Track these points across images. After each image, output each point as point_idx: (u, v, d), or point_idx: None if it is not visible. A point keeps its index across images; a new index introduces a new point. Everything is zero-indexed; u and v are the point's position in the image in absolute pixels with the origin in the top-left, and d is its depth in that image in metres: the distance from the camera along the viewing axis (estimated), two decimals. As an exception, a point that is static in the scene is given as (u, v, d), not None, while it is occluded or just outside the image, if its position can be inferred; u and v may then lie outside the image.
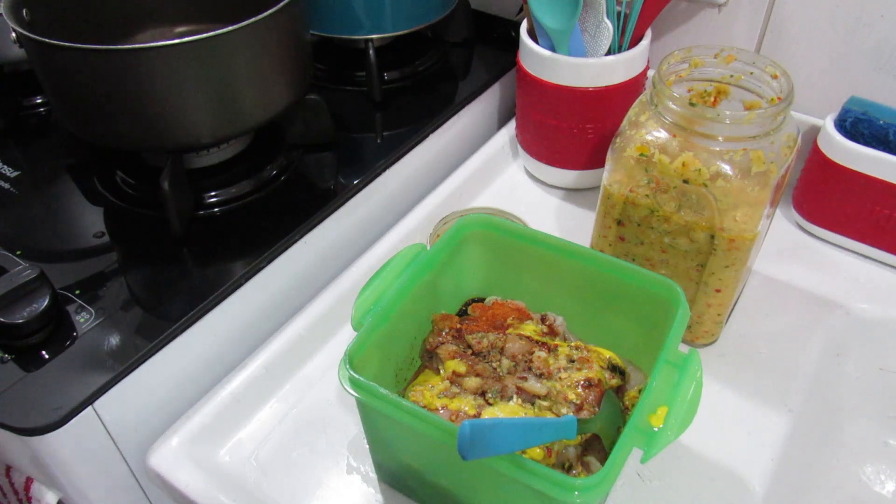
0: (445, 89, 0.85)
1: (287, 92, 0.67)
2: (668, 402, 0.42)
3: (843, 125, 0.66)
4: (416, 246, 0.54)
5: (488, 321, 0.54)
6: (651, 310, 0.51)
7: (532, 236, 0.55)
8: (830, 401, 0.63)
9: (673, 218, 0.55)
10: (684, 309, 0.48)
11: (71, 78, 0.60)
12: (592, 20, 0.68)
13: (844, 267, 0.69)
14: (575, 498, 0.38)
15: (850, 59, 0.70)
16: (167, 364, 0.57)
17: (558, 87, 0.69)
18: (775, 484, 0.53)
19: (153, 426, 0.58)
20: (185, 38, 0.57)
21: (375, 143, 0.77)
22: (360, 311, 0.49)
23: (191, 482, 0.53)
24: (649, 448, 0.41)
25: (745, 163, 0.51)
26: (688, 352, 0.45)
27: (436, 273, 0.54)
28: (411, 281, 0.52)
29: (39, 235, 0.66)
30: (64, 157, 0.75)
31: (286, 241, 0.64)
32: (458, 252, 0.56)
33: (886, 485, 0.62)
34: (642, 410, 0.42)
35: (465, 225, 0.56)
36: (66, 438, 0.52)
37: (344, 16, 0.80)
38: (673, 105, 0.53)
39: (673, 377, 0.44)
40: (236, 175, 0.71)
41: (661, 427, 0.41)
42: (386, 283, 0.51)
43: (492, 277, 0.58)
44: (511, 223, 0.56)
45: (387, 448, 0.51)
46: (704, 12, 0.76)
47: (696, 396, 0.43)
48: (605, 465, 0.39)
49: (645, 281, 0.51)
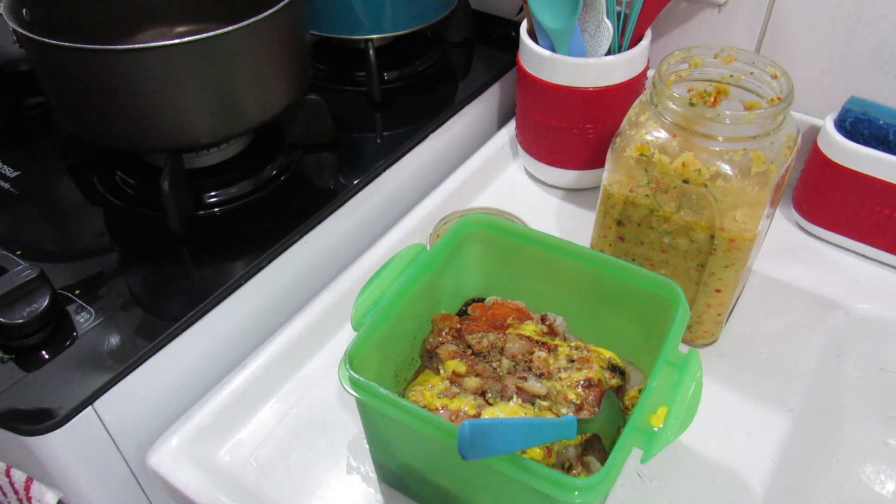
0: (445, 89, 0.85)
1: (287, 92, 0.67)
2: (668, 402, 0.43)
3: (843, 125, 0.66)
4: (416, 246, 0.54)
5: (488, 321, 0.54)
6: (651, 310, 0.51)
7: (532, 236, 0.55)
8: (830, 401, 0.63)
9: (673, 218, 0.55)
10: (684, 309, 0.48)
11: (71, 78, 0.60)
12: (592, 20, 0.68)
13: (844, 267, 0.69)
14: (575, 498, 0.38)
15: (850, 59, 0.70)
16: (167, 364, 0.57)
17: (558, 87, 0.69)
18: (775, 484, 0.53)
19: (153, 426, 0.58)
20: (185, 38, 0.57)
21: (375, 143, 0.77)
22: (360, 311, 0.49)
23: (191, 482, 0.53)
24: (649, 448, 0.41)
25: (745, 163, 0.51)
26: (688, 352, 0.45)
27: (436, 273, 0.54)
28: (411, 281, 0.52)
29: (39, 235, 0.66)
30: (64, 157, 0.75)
31: (286, 241, 0.64)
32: (458, 252, 0.56)
33: (886, 485, 0.62)
34: (642, 410, 0.42)
35: (465, 225, 0.56)
36: (66, 438, 0.52)
37: (344, 16, 0.80)
38: (673, 105, 0.53)
39: (673, 377, 0.44)
40: (236, 175, 0.71)
41: (661, 427, 0.41)
42: (386, 283, 0.51)
43: (492, 277, 0.58)
44: (511, 223, 0.56)
45: (387, 448, 0.51)
46: (704, 12, 0.76)
47: (696, 396, 0.43)
48: (605, 465, 0.39)
49: (645, 281, 0.51)
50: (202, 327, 0.59)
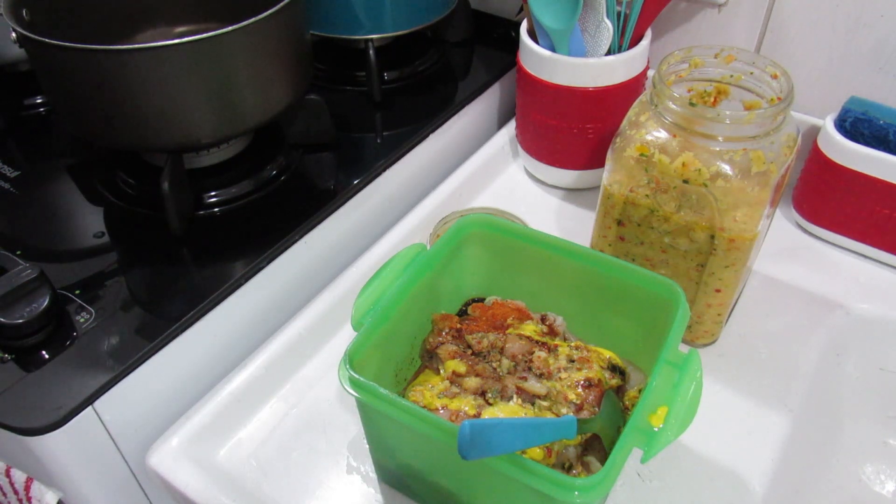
0: (445, 89, 0.85)
1: (287, 92, 0.67)
2: (667, 402, 0.43)
3: (843, 125, 0.66)
4: (416, 246, 0.54)
5: (488, 321, 0.54)
6: (651, 310, 0.51)
7: (532, 236, 0.55)
8: (830, 401, 0.63)
9: (673, 218, 0.55)
10: (684, 309, 0.48)
11: (71, 78, 0.60)
12: (592, 20, 0.68)
13: (844, 267, 0.69)
14: (575, 498, 0.38)
15: (850, 59, 0.70)
16: (167, 364, 0.57)
17: (558, 87, 0.69)
18: (775, 484, 0.53)
19: (153, 426, 0.58)
20: (185, 38, 0.57)
21: (375, 143, 0.77)
22: (360, 311, 0.49)
23: (191, 482, 0.53)
24: (649, 448, 0.41)
25: (745, 163, 0.51)
26: (688, 352, 0.45)
27: (436, 273, 0.54)
28: (411, 281, 0.52)
29: (39, 235, 0.66)
30: (64, 157, 0.75)
31: (286, 241, 0.64)
32: (457, 252, 0.56)
33: (886, 485, 0.62)
34: (642, 410, 0.42)
35: (465, 225, 0.56)
36: (66, 438, 0.52)
37: (344, 16, 0.80)
38: (673, 105, 0.53)
39: (673, 377, 0.44)
40: (236, 175, 0.71)
41: (661, 427, 0.41)
42: (386, 283, 0.51)
43: (492, 277, 0.58)
44: (511, 223, 0.56)
45: (387, 448, 0.51)
46: (704, 12, 0.76)
47: (696, 396, 0.43)
48: (606, 465, 0.40)
49: (645, 281, 0.51)
50: (202, 327, 0.59)
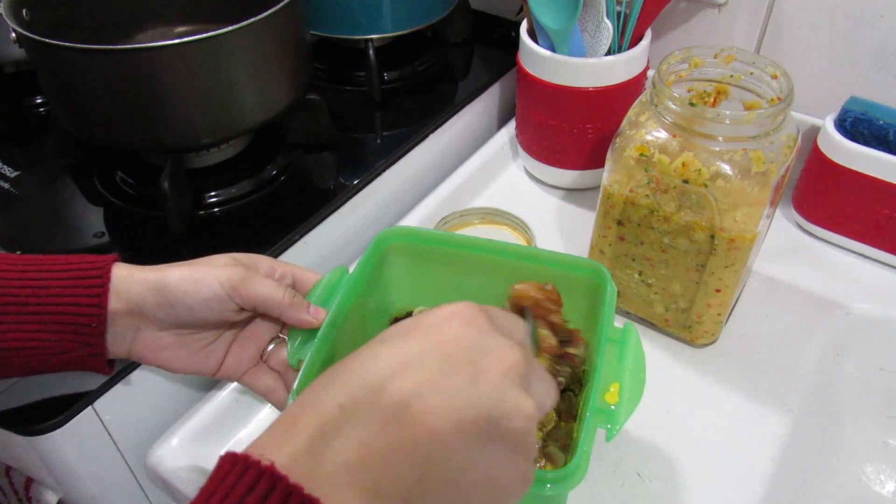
0: (445, 89, 0.85)
1: (287, 92, 0.67)
2: (617, 378, 0.43)
3: (843, 125, 0.66)
4: (338, 270, 0.52)
5: None
6: (585, 295, 0.51)
7: (452, 240, 0.54)
8: (830, 401, 0.63)
9: (673, 218, 0.55)
10: (612, 287, 0.48)
11: (71, 78, 0.60)
12: (592, 20, 0.68)
13: (844, 267, 0.69)
14: (547, 490, 0.39)
15: (850, 59, 0.70)
16: (167, 364, 0.57)
17: (558, 88, 0.69)
18: (775, 484, 0.53)
19: (153, 426, 0.58)
20: (185, 38, 0.57)
21: (375, 143, 0.77)
22: (294, 344, 0.48)
23: (191, 482, 0.53)
24: (613, 425, 0.42)
25: (745, 163, 0.51)
26: (623, 325, 0.46)
27: (361, 294, 0.52)
28: (341, 307, 0.49)
29: (39, 235, 0.66)
30: (64, 157, 0.75)
31: (286, 241, 0.64)
32: (380, 269, 0.54)
33: (886, 485, 0.62)
34: (597, 391, 0.43)
35: (383, 238, 0.53)
36: (66, 438, 0.52)
37: (344, 16, 0.80)
38: (673, 105, 0.53)
39: (616, 353, 0.45)
40: (236, 175, 0.71)
41: (617, 403, 0.42)
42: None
43: (418, 288, 0.56)
44: (429, 230, 0.55)
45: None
46: (704, 12, 0.76)
47: (640, 365, 0.44)
48: (577, 454, 0.39)
49: (572, 267, 0.50)
50: (202, 327, 0.59)
